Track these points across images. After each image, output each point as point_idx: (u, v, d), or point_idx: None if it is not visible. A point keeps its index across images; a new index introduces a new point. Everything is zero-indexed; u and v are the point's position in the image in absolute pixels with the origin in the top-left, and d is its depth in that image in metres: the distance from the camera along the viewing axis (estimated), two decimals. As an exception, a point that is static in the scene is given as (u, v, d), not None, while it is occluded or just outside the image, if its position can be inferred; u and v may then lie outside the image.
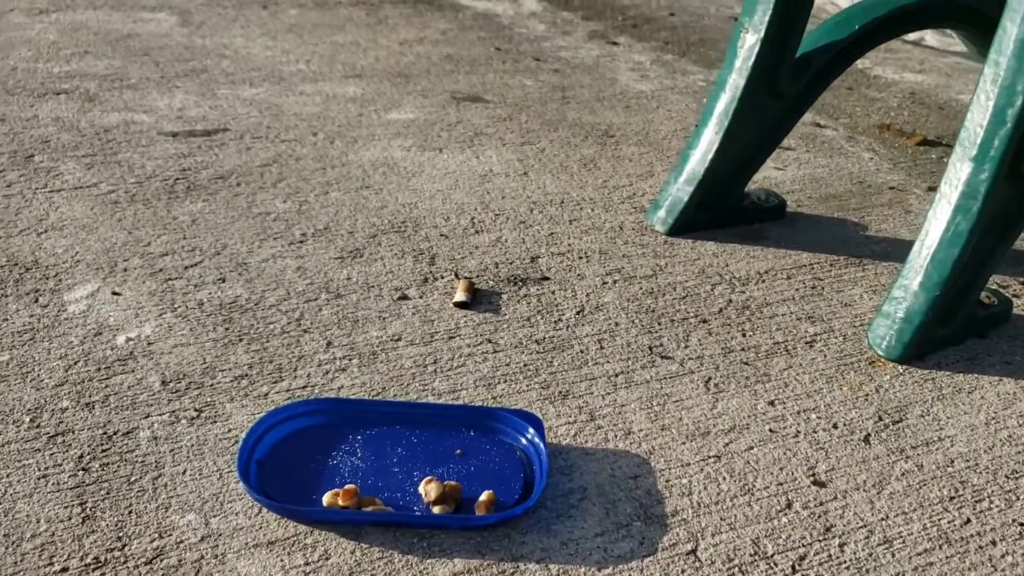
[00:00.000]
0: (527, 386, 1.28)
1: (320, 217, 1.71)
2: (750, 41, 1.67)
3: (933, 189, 2.08)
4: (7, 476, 1.06)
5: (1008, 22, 1.32)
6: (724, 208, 1.78)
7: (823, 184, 2.05)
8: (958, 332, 1.46)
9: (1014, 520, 1.10)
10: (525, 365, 1.32)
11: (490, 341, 1.38)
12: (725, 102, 1.70)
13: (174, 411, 1.18)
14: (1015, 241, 1.45)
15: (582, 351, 1.37)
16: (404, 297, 1.48)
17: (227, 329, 1.35)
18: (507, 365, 1.32)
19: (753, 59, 1.66)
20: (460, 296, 1.47)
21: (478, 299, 1.49)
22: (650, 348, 1.38)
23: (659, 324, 1.45)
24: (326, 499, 1.02)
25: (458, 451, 1.13)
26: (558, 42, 3.03)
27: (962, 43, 3.19)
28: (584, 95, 2.52)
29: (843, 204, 1.96)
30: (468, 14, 3.31)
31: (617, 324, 1.44)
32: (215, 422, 1.16)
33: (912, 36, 3.50)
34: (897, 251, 1.76)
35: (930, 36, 3.45)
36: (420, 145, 2.09)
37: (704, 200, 1.74)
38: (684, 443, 1.18)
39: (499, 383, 1.28)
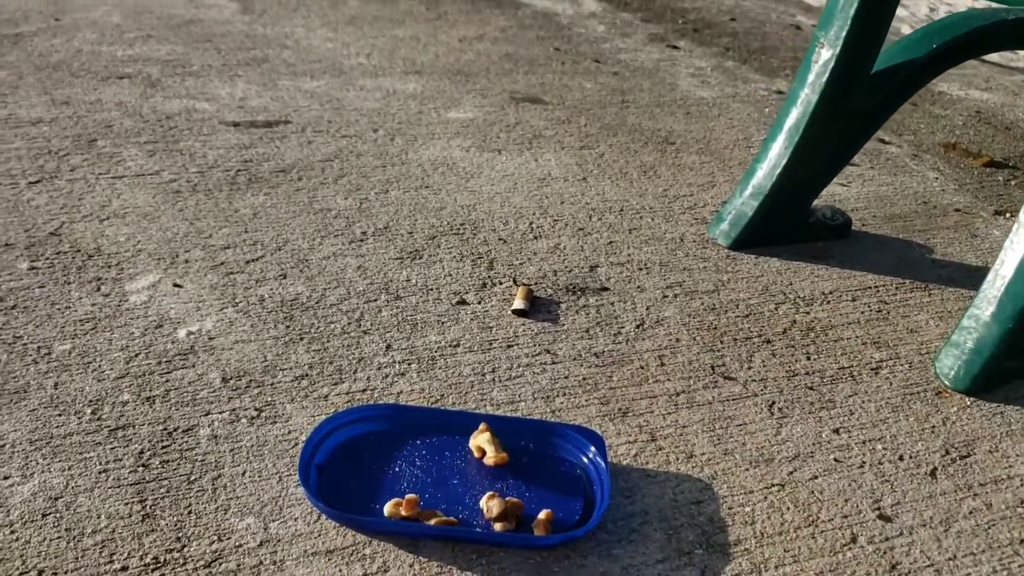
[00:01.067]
0: (586, 400, 1.26)
1: (380, 216, 1.71)
2: (825, 56, 1.63)
3: (1000, 213, 2.03)
4: (69, 468, 1.06)
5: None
6: (789, 224, 1.75)
7: (887, 203, 2.01)
8: (1030, 366, 1.42)
9: (1089, 568, 1.06)
10: (584, 379, 1.31)
11: (548, 352, 1.36)
12: (796, 117, 1.67)
13: (234, 410, 1.17)
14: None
15: (642, 367, 1.35)
16: (463, 302, 1.47)
17: (288, 327, 1.35)
18: (565, 378, 1.31)
19: (827, 75, 1.63)
20: (519, 304, 1.45)
21: (536, 307, 1.47)
22: (712, 367, 1.36)
23: (721, 343, 1.42)
24: (387, 509, 1.01)
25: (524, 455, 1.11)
26: (617, 44, 3.00)
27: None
28: (644, 99, 2.49)
29: (908, 225, 1.92)
30: (527, 12, 3.29)
31: (678, 340, 1.42)
32: (275, 423, 1.16)
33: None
34: (964, 277, 1.71)
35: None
36: (479, 146, 2.07)
37: (769, 215, 1.70)
38: (747, 469, 1.16)
39: (557, 396, 1.27)
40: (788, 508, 1.10)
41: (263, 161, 1.88)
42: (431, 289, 1.49)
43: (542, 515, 1.03)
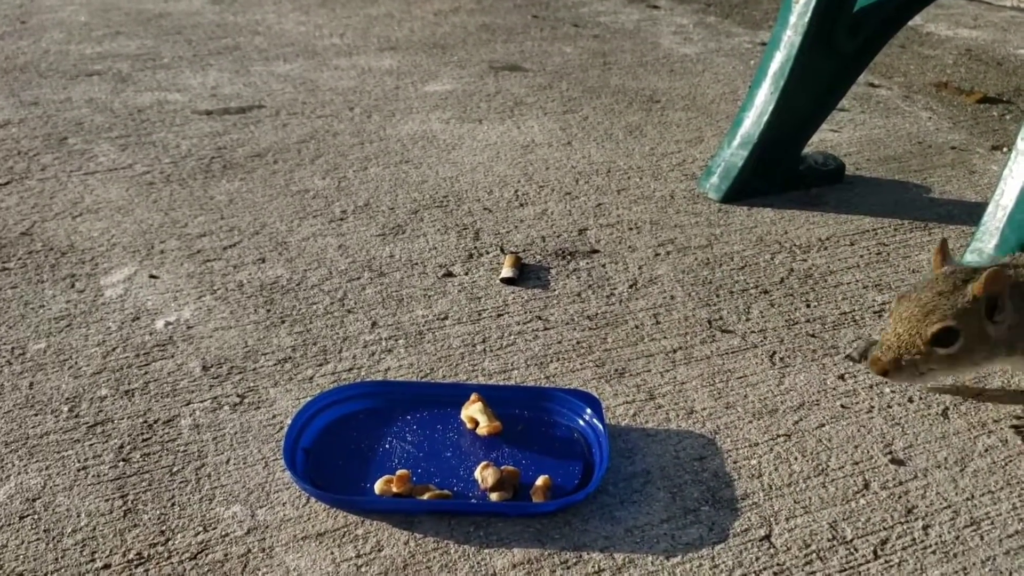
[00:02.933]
0: (581, 364, 1.22)
1: (360, 193, 1.66)
2: (805, -5, 1.58)
3: (997, 148, 1.98)
4: (47, 468, 1.02)
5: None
6: (780, 172, 1.70)
7: (881, 145, 1.96)
8: (1037, 297, 1.37)
9: (1112, 498, 1.02)
10: (578, 342, 1.26)
11: (540, 318, 1.32)
12: (780, 61, 1.62)
13: (216, 397, 1.13)
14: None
15: (637, 326, 1.30)
16: (449, 274, 1.42)
17: (268, 311, 1.31)
18: (559, 343, 1.26)
19: (809, 14, 1.57)
20: (507, 272, 1.41)
21: (525, 274, 1.43)
22: (709, 322, 1.31)
23: (717, 296, 1.38)
24: (378, 486, 0.97)
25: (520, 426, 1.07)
26: (597, 7, 2.95)
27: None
28: (626, 60, 2.43)
29: (903, 166, 1.87)
30: (503, -18, 3.23)
31: (673, 297, 1.37)
32: (259, 408, 1.11)
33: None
34: (963, 213, 1.67)
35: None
36: (459, 117, 2.02)
37: (759, 164, 1.66)
38: (751, 422, 1.12)
39: (551, 361, 1.22)
40: (796, 458, 1.06)
41: (237, 147, 1.83)
42: (416, 263, 1.45)
43: (540, 481, 0.99)
